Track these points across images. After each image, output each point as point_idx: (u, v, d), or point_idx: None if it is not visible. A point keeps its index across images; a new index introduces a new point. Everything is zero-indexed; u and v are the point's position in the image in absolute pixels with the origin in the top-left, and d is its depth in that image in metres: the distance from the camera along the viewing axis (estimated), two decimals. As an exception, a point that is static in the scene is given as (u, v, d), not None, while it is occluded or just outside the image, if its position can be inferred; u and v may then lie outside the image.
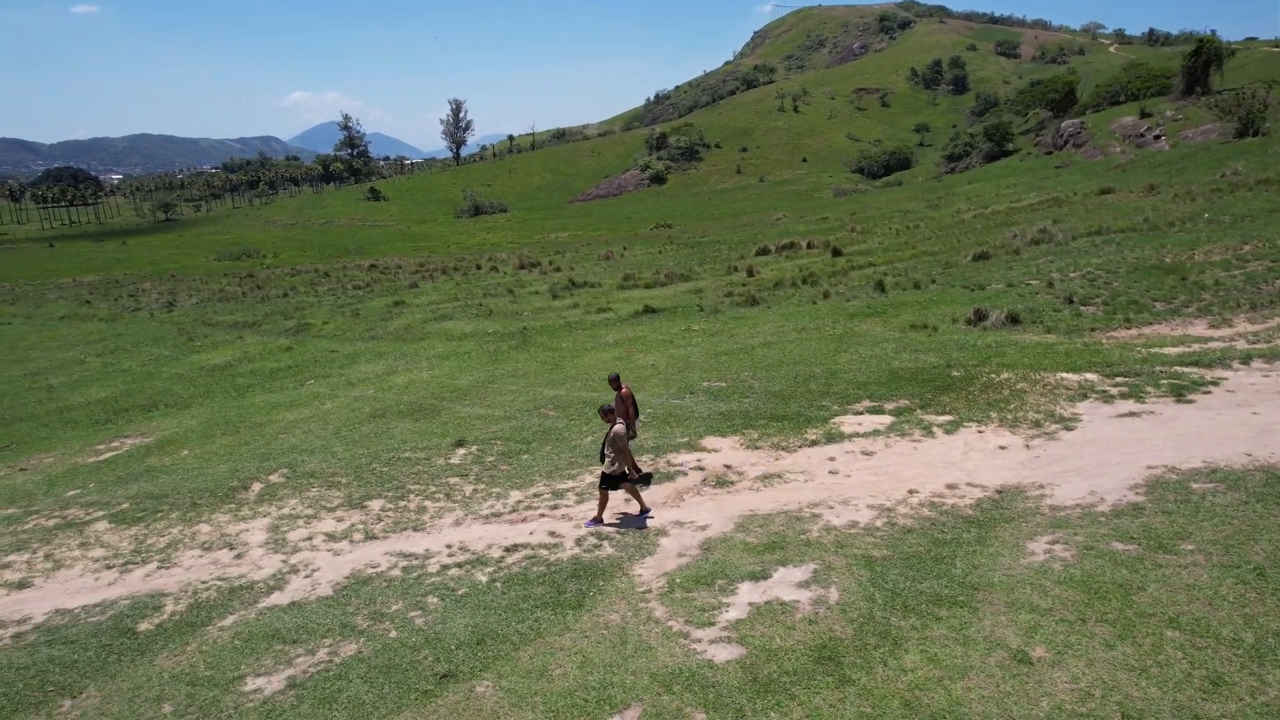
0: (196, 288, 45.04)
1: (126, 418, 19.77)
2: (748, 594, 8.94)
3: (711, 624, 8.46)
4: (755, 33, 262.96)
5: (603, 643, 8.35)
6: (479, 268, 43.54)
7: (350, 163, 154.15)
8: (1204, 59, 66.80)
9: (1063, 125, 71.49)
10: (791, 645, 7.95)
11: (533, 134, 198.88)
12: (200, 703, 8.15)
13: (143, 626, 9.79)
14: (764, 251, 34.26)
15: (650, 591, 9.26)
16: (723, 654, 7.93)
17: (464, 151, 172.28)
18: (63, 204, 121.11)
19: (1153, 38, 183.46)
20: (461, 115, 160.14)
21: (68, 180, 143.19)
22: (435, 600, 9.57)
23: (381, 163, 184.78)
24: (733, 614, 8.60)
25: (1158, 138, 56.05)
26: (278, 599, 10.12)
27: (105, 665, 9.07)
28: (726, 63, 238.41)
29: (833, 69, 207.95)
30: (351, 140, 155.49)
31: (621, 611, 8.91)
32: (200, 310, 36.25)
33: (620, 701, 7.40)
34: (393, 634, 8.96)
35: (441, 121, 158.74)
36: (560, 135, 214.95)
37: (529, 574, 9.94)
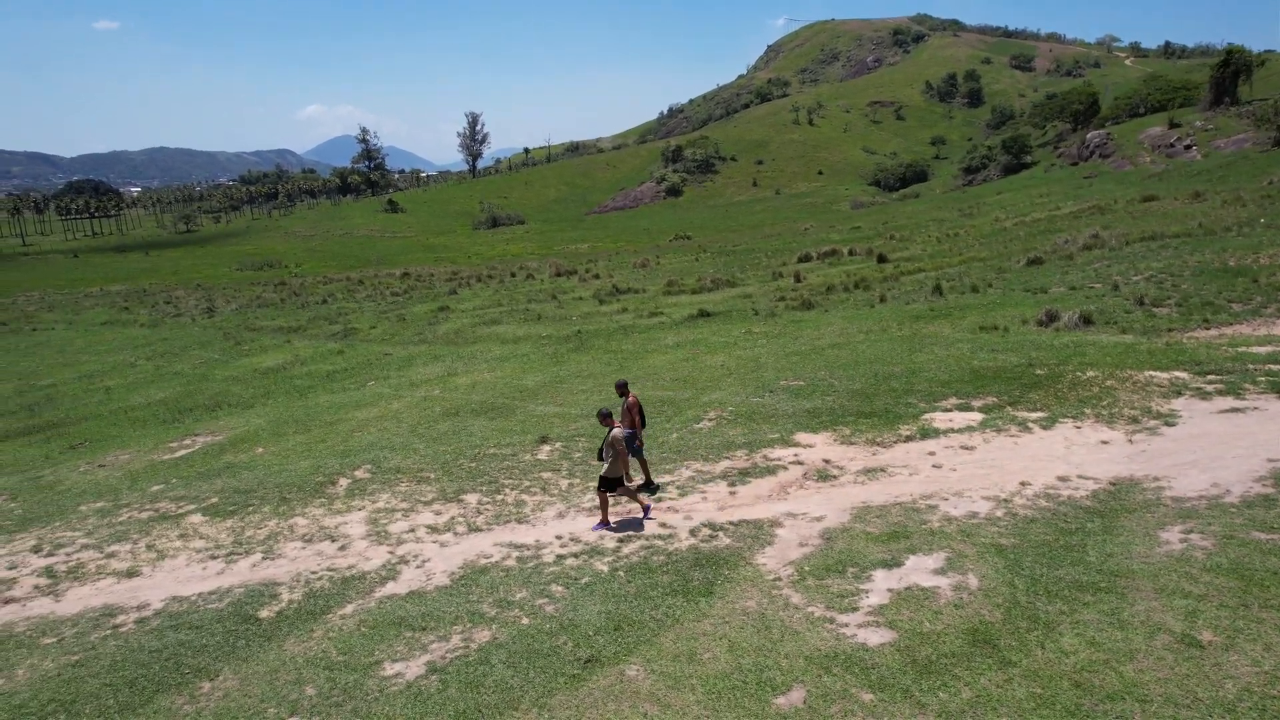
0: (233, 295, 45.37)
1: (193, 417, 19.89)
2: (884, 581, 8.91)
3: (854, 609, 8.43)
4: (768, 46, 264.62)
5: (746, 628, 8.33)
6: (513, 275, 43.71)
7: (368, 175, 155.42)
8: (1232, 69, 66.79)
9: (1088, 136, 71.51)
10: (942, 629, 7.91)
11: (548, 147, 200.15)
12: (343, 686, 8.15)
13: (264, 613, 9.81)
14: (805, 259, 34.30)
15: (780, 579, 9.23)
16: (874, 637, 7.90)
17: (479, 164, 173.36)
18: (85, 216, 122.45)
19: (1169, 50, 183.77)
20: (478, 128, 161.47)
21: (89, 192, 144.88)
22: (560, 589, 9.57)
23: (396, 175, 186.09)
24: (873, 599, 8.56)
25: (1189, 147, 55.97)
26: (394, 589, 10.12)
27: (235, 650, 9.08)
28: (740, 76, 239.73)
29: (846, 82, 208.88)
30: (369, 153, 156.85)
31: (756, 599, 8.88)
32: (241, 316, 36.49)
33: (780, 684, 7.37)
34: (525, 621, 8.95)
35: (458, 134, 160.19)
36: (574, 148, 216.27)
37: (650, 563, 9.93)
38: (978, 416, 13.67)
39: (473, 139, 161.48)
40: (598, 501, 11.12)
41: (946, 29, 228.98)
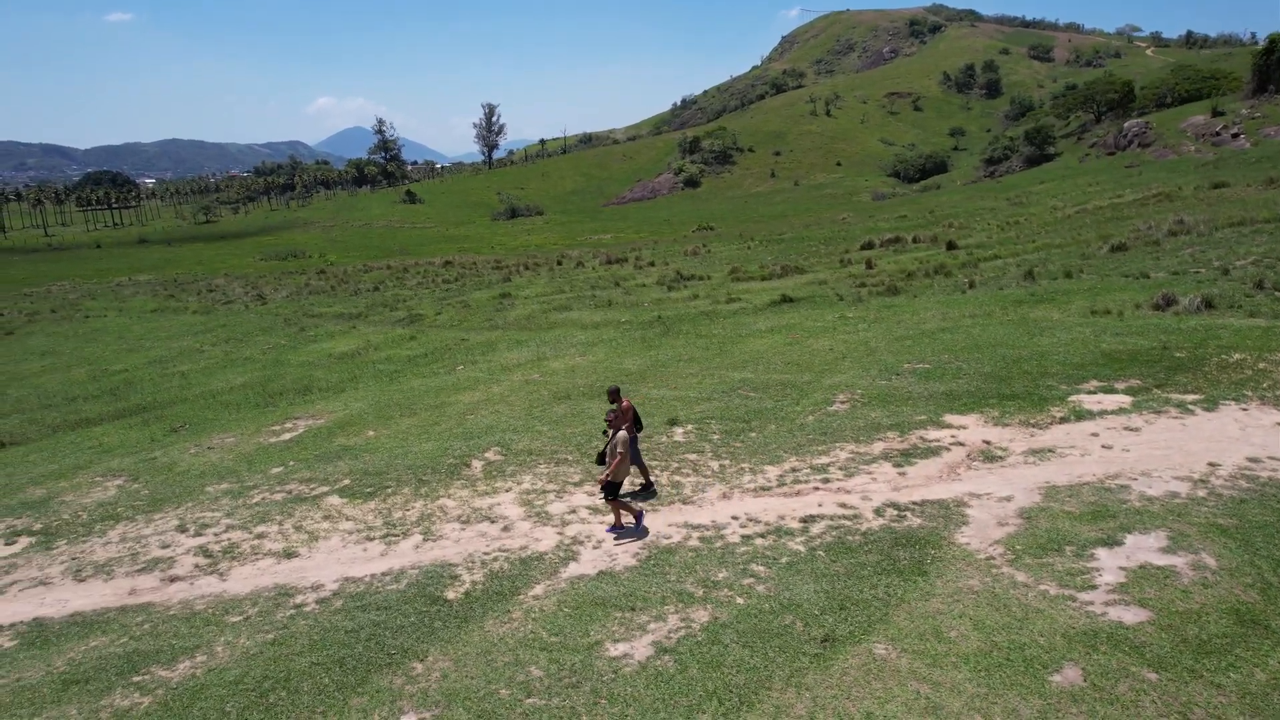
0: (277, 283, 45.22)
1: (286, 400, 19.73)
2: (1110, 559, 8.68)
3: (1092, 587, 8.21)
4: (783, 37, 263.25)
5: (982, 606, 8.11)
6: (559, 264, 43.48)
7: (384, 166, 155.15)
8: (1277, 57, 66.03)
9: (1126, 125, 70.82)
10: (1199, 609, 7.68)
11: (564, 138, 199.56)
12: (569, 667, 7.97)
13: (450, 594, 9.64)
14: (868, 246, 33.99)
15: (994, 559, 9.01)
16: (1128, 616, 7.68)
17: (494, 155, 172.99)
18: (103, 207, 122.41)
19: (1190, 40, 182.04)
20: (494, 119, 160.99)
21: (107, 184, 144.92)
22: (762, 569, 9.36)
23: (410, 167, 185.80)
24: (1108, 578, 8.34)
25: (1236, 136, 55.39)
26: (578, 569, 9.93)
27: (434, 630, 8.90)
28: (754, 67, 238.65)
29: (863, 73, 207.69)
30: (386, 144, 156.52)
31: (978, 577, 8.66)
32: (295, 303, 36.35)
33: (1048, 662, 7.16)
34: (740, 601, 8.75)
35: (474, 125, 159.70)
36: (587, 140, 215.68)
37: (846, 543, 9.71)
38: (1126, 399, 13.41)
39: (489, 130, 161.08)
40: (610, 506, 10.79)
41: (963, 19, 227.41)
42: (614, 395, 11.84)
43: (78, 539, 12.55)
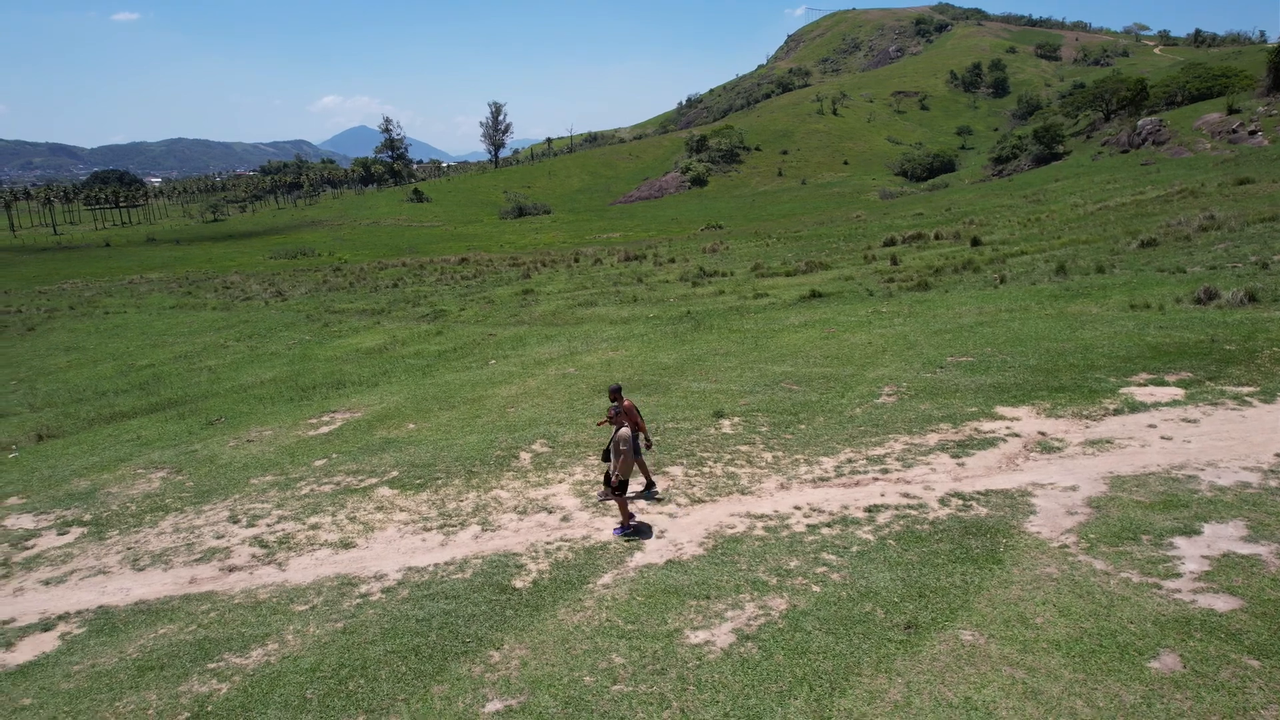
0: (294, 280, 45.23)
1: (320, 394, 19.72)
2: (1190, 548, 8.63)
3: (1176, 575, 8.16)
4: (789, 36, 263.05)
5: (1064, 593, 8.08)
6: (576, 261, 43.45)
7: (391, 165, 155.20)
8: (1291, 54, 65.80)
9: (1140, 123, 70.63)
10: (1289, 597, 7.61)
11: (570, 136, 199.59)
12: (651, 654, 7.94)
13: (518, 583, 9.61)
14: (891, 242, 33.92)
15: (1068, 547, 8.97)
16: (1219, 603, 7.63)
17: (500, 154, 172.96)
18: (111, 206, 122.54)
19: (1199, 39, 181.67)
20: (501, 118, 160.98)
21: (115, 182, 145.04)
22: (834, 557, 9.32)
23: (415, 166, 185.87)
24: (1191, 566, 8.30)
25: (1253, 133, 55.21)
26: (645, 559, 9.91)
27: (506, 619, 8.88)
28: (759, 66, 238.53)
29: (869, 72, 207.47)
30: (392, 143, 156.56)
31: (1055, 565, 8.63)
32: (314, 299, 36.35)
33: (1144, 648, 7.12)
34: (816, 589, 8.71)
35: (481, 124, 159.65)
36: (593, 139, 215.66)
37: (916, 532, 9.68)
38: (1178, 391, 13.35)
39: (495, 129, 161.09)
40: (616, 505, 10.70)
41: (969, 18, 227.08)
42: (615, 394, 11.58)
43: (129, 529, 12.55)
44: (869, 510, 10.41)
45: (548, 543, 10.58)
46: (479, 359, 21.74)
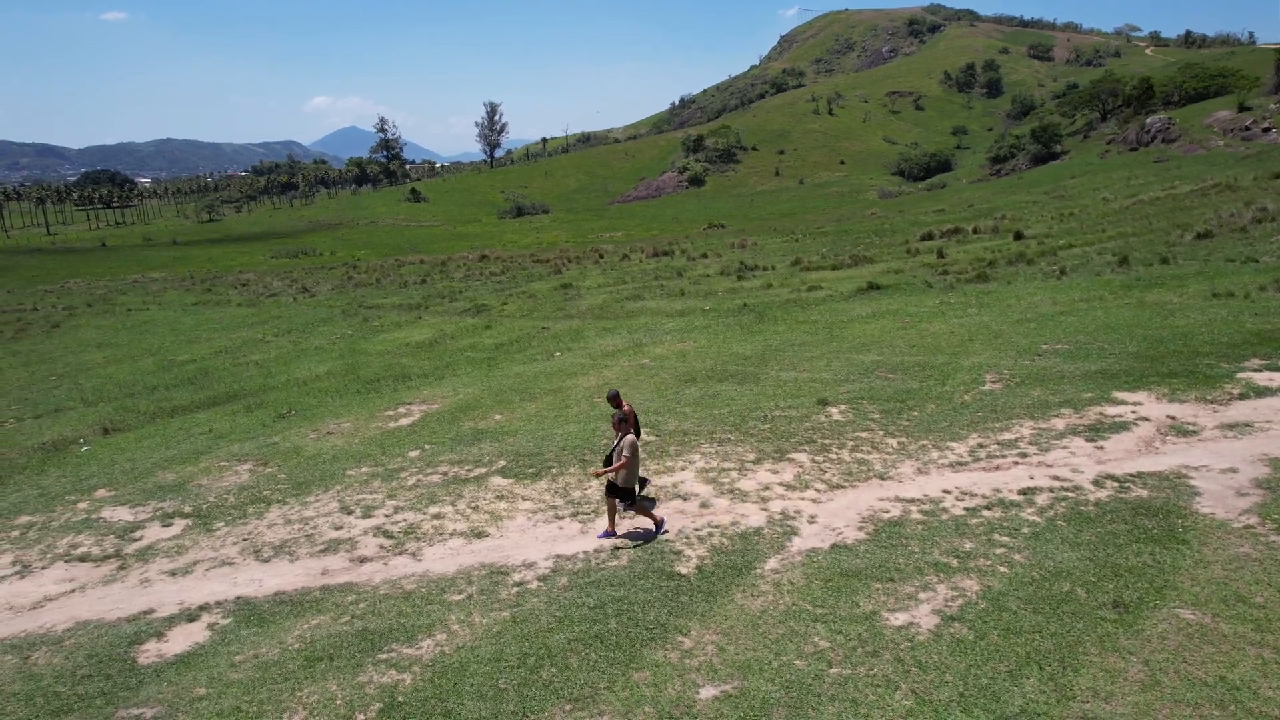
0: (319, 277, 44.73)
1: (388, 386, 19.42)
2: (1385, 527, 8.52)
3: (1383, 554, 8.04)
4: (781, 37, 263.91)
5: (1272, 572, 7.95)
6: (601, 258, 43.21)
7: (387, 165, 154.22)
8: (1297, 53, 66.48)
9: (1148, 122, 71.19)
10: None
11: (566, 136, 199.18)
12: (855, 636, 7.76)
13: (682, 569, 9.40)
14: (928, 237, 33.91)
15: (1253, 527, 8.90)
16: None
17: (495, 154, 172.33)
18: (103, 206, 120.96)
19: (1189, 40, 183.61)
20: (497, 118, 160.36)
21: (106, 182, 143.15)
22: (1006, 539, 9.18)
23: (410, 166, 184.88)
24: (1395, 545, 8.17)
25: (1266, 130, 55.73)
26: (806, 543, 9.74)
27: (682, 605, 8.67)
28: (753, 66, 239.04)
29: (863, 72, 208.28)
30: (388, 143, 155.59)
31: (1248, 545, 8.55)
32: (344, 296, 35.92)
33: (1383, 625, 6.97)
34: (1003, 569, 8.56)
35: (476, 124, 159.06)
36: (586, 139, 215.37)
37: (1082, 513, 9.55)
38: (1293, 375, 13.28)
39: (491, 129, 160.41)
40: (607, 507, 10.39)
41: (962, 19, 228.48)
42: (615, 400, 11.24)
43: (235, 521, 12.23)
44: (1023, 493, 10.26)
45: (695, 529, 10.36)
46: (540, 351, 21.48)
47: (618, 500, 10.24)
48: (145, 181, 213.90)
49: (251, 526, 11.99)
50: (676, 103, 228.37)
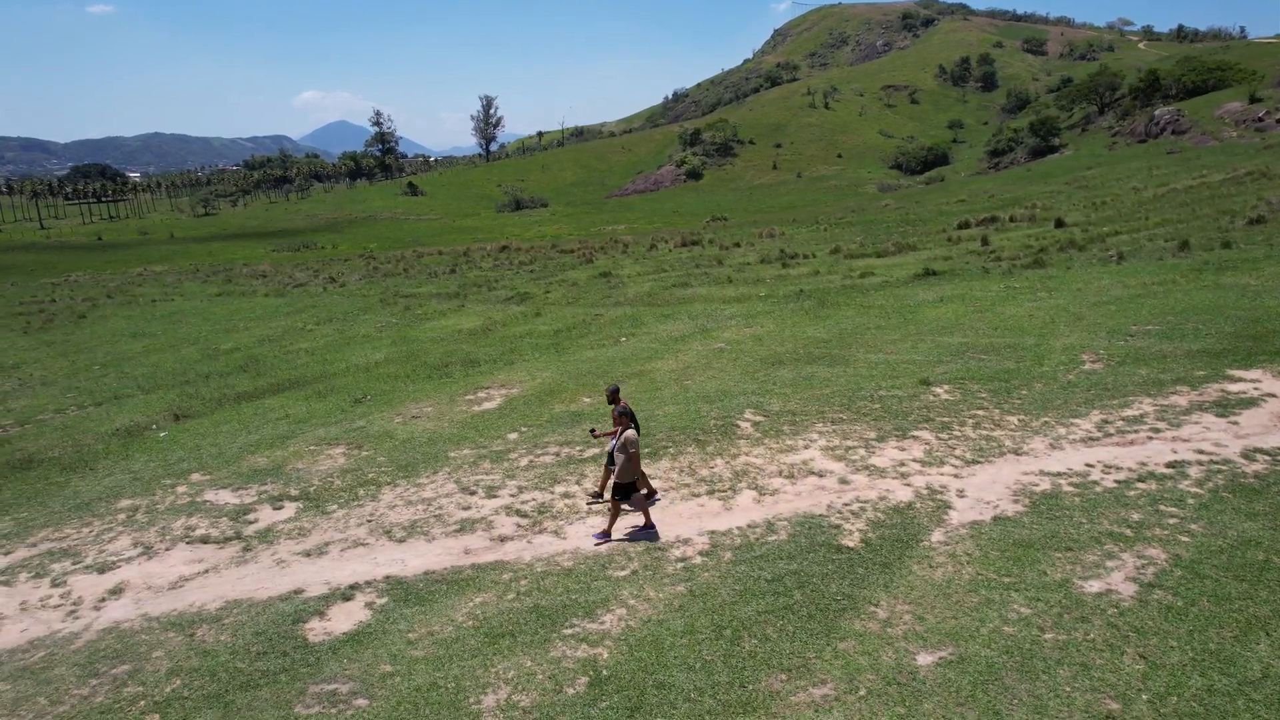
0: (344, 268, 44.38)
1: (459, 371, 19.28)
2: None
3: None
4: (775, 31, 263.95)
5: None
6: (627, 248, 43.09)
7: (382, 159, 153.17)
8: (1305, 45, 67.09)
9: (1156, 114, 71.77)
10: None
11: (562, 130, 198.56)
12: (1056, 603, 7.83)
13: (848, 542, 9.38)
14: (964, 225, 34.03)
15: None
16: None
17: (490, 148, 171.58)
18: (95, 200, 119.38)
19: (1181, 34, 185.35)
20: (492, 111, 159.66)
21: (97, 176, 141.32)
22: (1173, 509, 9.24)
23: (404, 160, 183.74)
24: None
25: None
26: (964, 516, 9.75)
27: (860, 576, 8.69)
28: (746, 60, 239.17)
29: (857, 66, 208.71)
30: (383, 136, 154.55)
31: None
32: (374, 286, 35.65)
33: None
34: (1184, 539, 8.61)
35: (472, 117, 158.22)
36: (579, 133, 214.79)
37: (1244, 485, 9.67)
38: (1398, 353, 13.40)
39: (487, 122, 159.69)
40: (607, 506, 10.30)
41: (955, 13, 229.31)
42: (613, 395, 11.09)
43: (350, 503, 12.08)
44: (1171, 466, 10.31)
45: (844, 504, 10.34)
46: (603, 337, 21.38)
47: (616, 496, 9.93)
48: (134, 176, 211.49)
49: (370, 508, 11.84)
50: (670, 97, 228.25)
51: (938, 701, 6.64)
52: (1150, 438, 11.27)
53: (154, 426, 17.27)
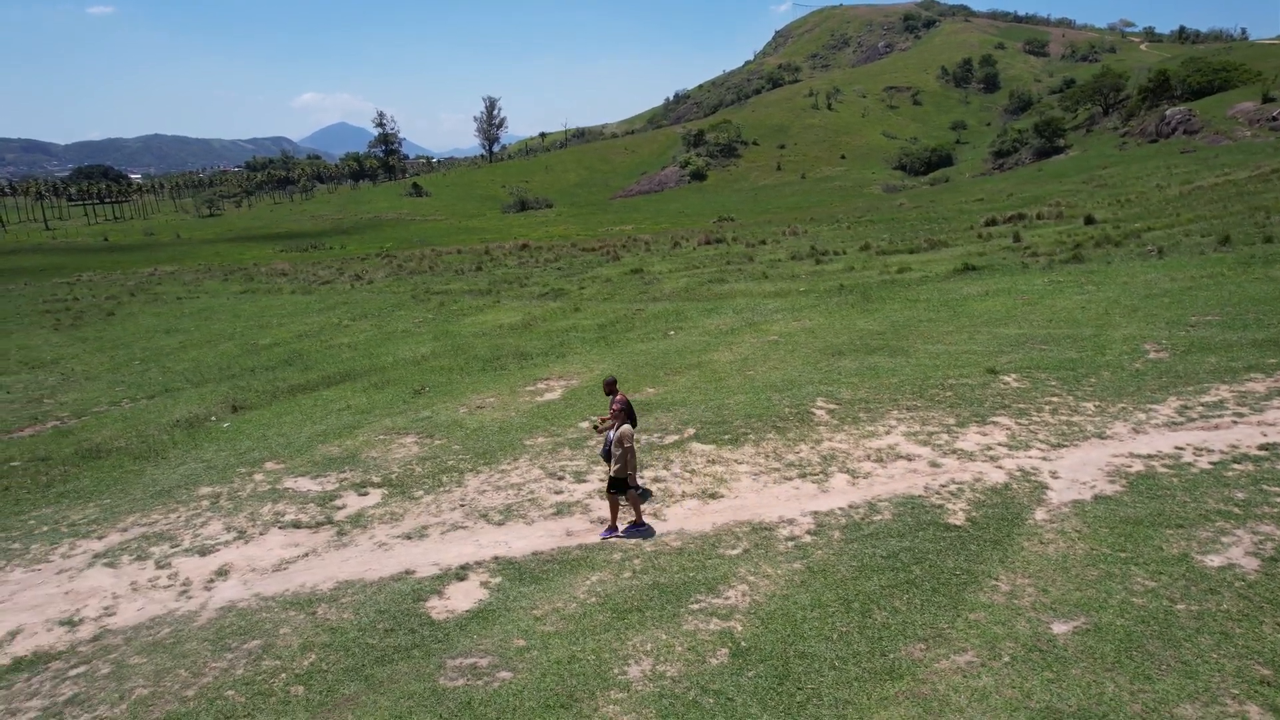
0: (367, 266, 44.53)
1: (514, 364, 19.46)
2: None
3: None
4: (776, 32, 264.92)
5: None
6: (649, 246, 43.29)
7: (385, 160, 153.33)
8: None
9: (1168, 113, 72.24)
10: None
11: (565, 130, 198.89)
12: (1179, 575, 8.04)
13: (954, 521, 9.59)
14: (991, 222, 34.29)
15: None
16: None
17: (493, 149, 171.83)
18: (99, 201, 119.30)
19: (1183, 36, 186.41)
20: (495, 112, 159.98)
21: (100, 177, 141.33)
22: (1277, 489, 9.37)
23: (406, 161, 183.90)
24: None
25: (1292, 121, 56.70)
26: (1063, 496, 9.98)
27: (973, 553, 8.88)
28: (747, 62, 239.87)
29: (859, 68, 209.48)
30: (386, 137, 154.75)
31: None
32: (402, 283, 35.80)
33: None
34: (1295, 515, 8.75)
35: (475, 119, 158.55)
36: (580, 134, 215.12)
37: (1342, 465, 9.76)
38: None
39: (490, 123, 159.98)
40: (608, 504, 10.33)
41: (956, 14, 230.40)
42: (610, 387, 11.10)
43: (436, 489, 12.25)
44: (1266, 449, 10.50)
45: (940, 486, 10.53)
46: (649, 331, 21.56)
47: (612, 490, 10.04)
48: (136, 177, 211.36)
49: (459, 493, 12.01)
50: (671, 98, 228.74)
51: (1085, 667, 6.83)
52: (1235, 422, 11.49)
53: (213, 418, 17.41)
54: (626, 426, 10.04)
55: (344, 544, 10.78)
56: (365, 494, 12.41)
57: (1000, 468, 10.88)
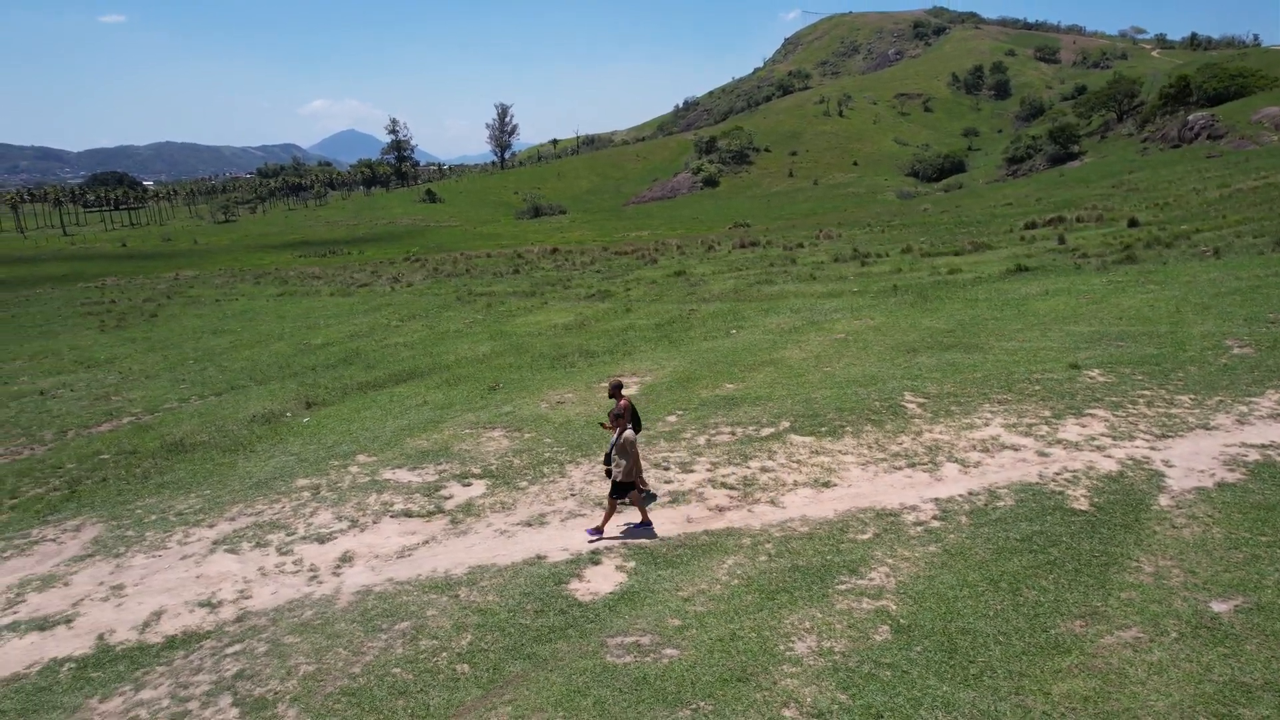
0: (403, 269, 44.84)
1: (582, 361, 19.68)
2: None
3: None
4: (786, 39, 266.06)
5: None
6: (682, 250, 43.55)
7: (398, 167, 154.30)
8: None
9: (1190, 118, 72.47)
10: None
11: (576, 137, 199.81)
12: (1324, 557, 8.07)
13: (1078, 506, 9.75)
14: (1031, 225, 34.51)
15: None
16: None
17: (493, 157, 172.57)
18: (114, 208, 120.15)
19: (1194, 42, 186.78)
20: (508, 119, 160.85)
21: (115, 184, 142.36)
22: (1403, 475, 9.54)
23: (418, 168, 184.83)
24: None
25: (1319, 126, 56.92)
26: (1183, 483, 10.20)
27: (1105, 536, 9.07)
28: (757, 69, 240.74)
29: (870, 74, 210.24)
30: (398, 144, 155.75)
31: None
32: (444, 285, 36.09)
33: None
34: None
35: (487, 125, 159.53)
36: (590, 141, 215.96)
37: None
38: None
39: (502, 130, 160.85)
40: (606, 506, 10.45)
41: (966, 21, 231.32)
42: (615, 390, 11.24)
43: (540, 480, 12.46)
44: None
45: (1055, 474, 10.72)
46: (708, 330, 21.78)
47: (614, 494, 10.20)
48: (149, 184, 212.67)
49: (565, 483, 12.22)
50: (680, 105, 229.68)
51: (1259, 644, 7.00)
52: (1334, 414, 11.64)
53: (288, 414, 17.65)
54: (629, 433, 10.22)
55: (463, 532, 10.99)
56: (469, 484, 12.62)
57: (1109, 457, 11.06)
